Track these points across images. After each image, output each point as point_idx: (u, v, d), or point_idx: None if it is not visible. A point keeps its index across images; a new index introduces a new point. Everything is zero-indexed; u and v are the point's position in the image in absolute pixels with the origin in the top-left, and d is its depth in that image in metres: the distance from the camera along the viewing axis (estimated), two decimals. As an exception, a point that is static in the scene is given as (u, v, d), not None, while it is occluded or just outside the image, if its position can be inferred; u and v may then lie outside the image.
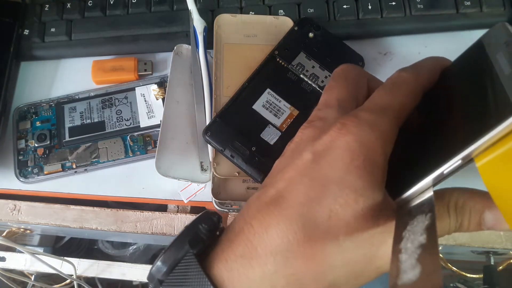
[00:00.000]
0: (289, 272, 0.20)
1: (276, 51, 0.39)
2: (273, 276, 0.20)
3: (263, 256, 0.20)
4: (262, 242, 0.20)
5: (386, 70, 0.42)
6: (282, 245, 0.20)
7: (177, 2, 0.43)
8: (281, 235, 0.20)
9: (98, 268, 0.54)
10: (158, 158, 0.38)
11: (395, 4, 0.41)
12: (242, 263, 0.20)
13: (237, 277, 0.20)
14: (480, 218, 0.21)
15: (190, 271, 0.21)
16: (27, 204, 0.41)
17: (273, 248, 0.20)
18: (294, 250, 0.20)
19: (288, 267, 0.20)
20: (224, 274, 0.20)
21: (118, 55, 0.44)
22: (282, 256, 0.20)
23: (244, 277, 0.20)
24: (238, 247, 0.21)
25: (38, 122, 0.42)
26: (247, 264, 0.20)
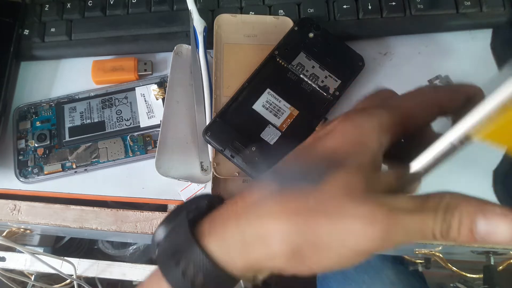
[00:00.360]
0: (259, 225, 0.21)
1: (276, 51, 0.39)
2: (245, 227, 0.21)
3: (241, 210, 0.22)
4: (243, 200, 0.22)
5: (386, 70, 0.42)
6: (258, 202, 0.22)
7: (177, 2, 0.43)
8: (260, 193, 0.22)
9: (98, 268, 0.54)
10: (158, 158, 0.38)
11: (395, 4, 0.41)
12: (222, 218, 0.23)
13: (214, 229, 0.22)
14: (472, 223, 0.19)
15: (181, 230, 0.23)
16: (27, 204, 0.41)
17: (250, 203, 0.22)
18: (267, 206, 0.21)
19: (259, 221, 0.21)
20: (206, 228, 0.23)
21: (118, 55, 0.44)
22: (256, 211, 0.21)
23: (221, 228, 0.22)
24: (225, 207, 0.23)
25: (38, 122, 0.42)
26: (226, 218, 0.22)
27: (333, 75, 0.39)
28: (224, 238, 0.22)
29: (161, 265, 0.23)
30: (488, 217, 0.18)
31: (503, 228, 0.18)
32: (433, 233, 0.19)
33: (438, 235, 0.19)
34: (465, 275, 0.57)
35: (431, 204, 0.20)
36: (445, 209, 0.19)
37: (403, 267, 0.57)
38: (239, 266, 0.22)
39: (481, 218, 0.19)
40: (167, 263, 0.22)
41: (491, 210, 0.19)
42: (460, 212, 0.19)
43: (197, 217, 0.24)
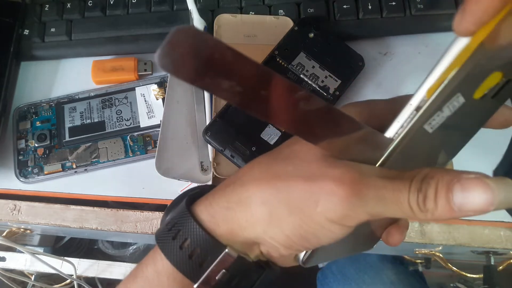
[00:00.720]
0: (242, 190, 0.22)
1: (276, 51, 0.39)
2: (230, 193, 0.23)
3: (230, 181, 0.24)
4: (234, 175, 0.24)
5: (386, 70, 0.42)
6: (245, 171, 0.24)
7: (177, 2, 0.43)
8: (249, 165, 0.24)
9: (98, 268, 0.54)
10: (158, 158, 0.38)
11: (395, 4, 0.41)
12: (214, 190, 0.24)
13: (205, 199, 0.24)
14: (448, 192, 0.18)
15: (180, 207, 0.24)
16: (27, 204, 0.41)
17: (239, 174, 0.24)
18: (252, 173, 0.23)
19: (243, 187, 0.22)
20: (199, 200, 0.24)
21: (118, 55, 0.44)
22: (242, 179, 0.23)
23: (211, 197, 0.24)
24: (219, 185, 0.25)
25: (38, 122, 0.42)
26: (217, 189, 0.24)
27: (333, 75, 0.39)
28: (211, 204, 0.23)
29: (157, 236, 0.24)
30: (463, 183, 0.18)
31: (477, 193, 0.17)
32: (409, 204, 0.19)
33: (414, 206, 0.19)
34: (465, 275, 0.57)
35: (407, 175, 0.19)
36: (421, 179, 0.19)
37: (403, 267, 0.57)
38: (223, 231, 0.22)
39: (457, 185, 0.18)
40: (162, 233, 0.24)
41: (465, 176, 0.18)
42: (436, 181, 0.18)
43: (197, 197, 0.25)
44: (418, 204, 0.18)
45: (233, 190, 0.23)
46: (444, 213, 0.18)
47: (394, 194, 0.19)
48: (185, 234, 0.22)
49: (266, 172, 0.22)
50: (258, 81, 0.17)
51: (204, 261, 0.22)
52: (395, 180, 0.19)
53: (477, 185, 0.18)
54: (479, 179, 0.18)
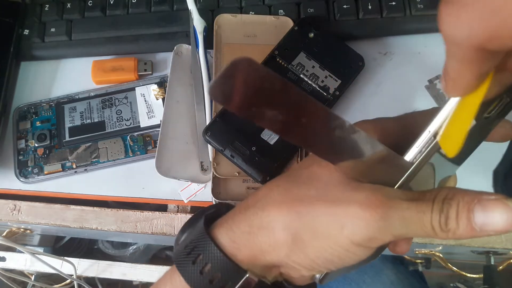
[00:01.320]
0: (263, 214, 0.22)
1: (276, 51, 0.39)
2: (251, 217, 0.23)
3: (249, 203, 0.24)
4: (253, 195, 0.24)
5: (386, 70, 0.42)
6: (265, 194, 0.23)
7: (177, 2, 0.43)
8: (268, 188, 0.24)
9: (98, 268, 0.54)
10: (158, 158, 0.38)
11: (395, 4, 0.41)
12: (233, 212, 0.24)
13: (225, 221, 0.24)
14: (470, 212, 0.19)
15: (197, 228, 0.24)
16: (27, 204, 0.41)
17: (258, 197, 0.24)
18: (272, 197, 0.23)
19: (264, 211, 0.22)
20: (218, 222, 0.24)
21: (118, 55, 0.44)
22: (262, 202, 0.23)
23: (230, 219, 0.24)
24: (238, 204, 0.25)
25: (38, 122, 0.42)
26: (237, 211, 0.24)
27: (333, 75, 0.39)
28: (232, 228, 0.23)
29: (175, 257, 0.24)
30: (484, 205, 0.19)
31: (499, 214, 0.18)
32: (431, 224, 0.19)
33: (437, 227, 0.19)
34: (465, 275, 0.57)
35: (428, 196, 0.20)
36: (442, 200, 0.19)
37: (403, 267, 0.57)
38: (244, 256, 0.22)
39: (478, 206, 0.19)
40: (180, 256, 0.23)
41: (486, 198, 0.19)
42: (457, 202, 0.19)
43: (214, 218, 0.25)
44: (440, 225, 0.19)
45: (254, 214, 0.23)
46: (466, 233, 0.19)
47: (417, 215, 0.19)
48: (206, 258, 0.22)
49: (286, 196, 0.22)
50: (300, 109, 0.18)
51: (225, 285, 0.22)
52: (417, 201, 0.20)
53: (498, 206, 0.18)
54: (500, 200, 0.18)
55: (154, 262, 0.75)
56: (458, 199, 0.19)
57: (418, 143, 0.21)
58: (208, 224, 0.24)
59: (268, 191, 0.23)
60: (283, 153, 0.37)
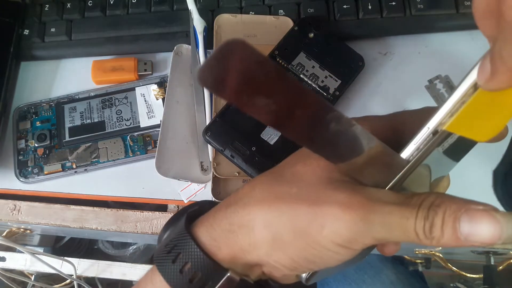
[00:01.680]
0: (244, 212, 0.22)
1: (276, 51, 0.39)
2: (231, 215, 0.22)
3: (231, 200, 0.23)
4: (236, 193, 0.24)
5: (386, 70, 0.42)
6: (247, 192, 0.23)
7: (177, 2, 0.43)
8: (250, 186, 0.23)
9: (98, 268, 0.54)
10: (158, 158, 0.38)
11: (395, 4, 0.41)
12: (214, 209, 0.24)
13: (205, 219, 0.23)
14: (455, 221, 0.18)
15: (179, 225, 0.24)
16: (27, 204, 0.41)
17: (240, 194, 0.23)
18: (254, 195, 0.22)
19: (245, 209, 0.22)
20: (199, 220, 0.24)
21: (118, 55, 0.44)
22: (244, 200, 0.22)
23: (211, 217, 0.23)
24: (219, 204, 0.24)
25: (38, 122, 0.42)
26: (218, 209, 0.24)
27: (333, 75, 0.39)
28: (212, 226, 0.23)
29: (155, 256, 0.23)
30: (471, 215, 0.18)
31: (485, 225, 0.18)
32: (415, 231, 0.19)
33: (420, 233, 0.19)
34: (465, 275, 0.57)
35: (414, 201, 0.19)
36: (428, 206, 0.19)
37: (403, 267, 0.57)
38: (225, 254, 0.22)
39: (465, 215, 0.18)
40: (160, 255, 0.23)
41: (473, 208, 0.18)
42: (444, 210, 0.18)
43: (197, 216, 0.24)
44: (424, 232, 0.18)
45: (235, 211, 0.22)
46: (450, 242, 0.18)
47: (400, 221, 0.19)
48: (186, 257, 0.22)
49: (268, 193, 0.22)
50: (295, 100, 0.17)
51: (205, 285, 0.22)
52: (401, 206, 0.19)
53: (485, 217, 0.18)
54: (487, 212, 0.18)
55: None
56: (445, 207, 0.18)
57: (416, 140, 0.20)
58: (190, 222, 0.24)
59: (251, 189, 0.23)
60: (283, 153, 0.37)
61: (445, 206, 0.18)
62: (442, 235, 0.18)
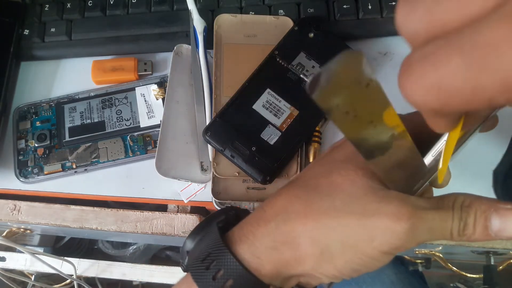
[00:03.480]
0: (288, 229, 0.22)
1: (276, 51, 0.39)
2: (274, 232, 0.22)
3: (268, 216, 0.23)
4: (270, 207, 0.23)
5: (386, 70, 0.42)
6: (285, 206, 0.23)
7: (177, 2, 0.43)
8: (286, 199, 0.23)
9: (98, 268, 0.54)
10: (158, 158, 0.38)
11: (395, 4, 0.41)
12: (251, 223, 0.23)
13: (245, 235, 0.23)
14: (487, 220, 0.20)
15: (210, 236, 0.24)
16: (27, 204, 0.41)
17: (277, 209, 0.23)
18: (294, 210, 0.22)
19: (287, 225, 0.22)
20: (235, 234, 0.23)
21: (118, 55, 0.44)
22: (283, 215, 0.22)
23: (251, 233, 0.23)
24: (253, 215, 0.24)
25: (38, 122, 0.42)
26: (255, 223, 0.23)
27: (333, 75, 0.39)
28: (254, 244, 0.22)
29: (192, 270, 0.23)
30: (500, 213, 0.20)
31: None
32: (451, 231, 0.20)
33: (455, 233, 0.20)
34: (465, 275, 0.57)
35: (446, 203, 0.21)
36: (460, 208, 0.20)
37: (403, 267, 0.57)
38: (268, 271, 0.22)
39: (495, 214, 0.20)
40: (198, 268, 0.23)
41: (503, 207, 0.20)
42: (475, 210, 0.20)
43: (226, 225, 0.25)
44: (458, 231, 0.20)
45: (277, 228, 0.22)
46: (481, 238, 0.20)
47: (441, 224, 0.20)
48: (227, 274, 0.22)
49: (310, 208, 0.22)
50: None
51: None
52: (439, 210, 0.20)
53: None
54: None
55: (154, 262, 0.75)
56: (475, 207, 0.20)
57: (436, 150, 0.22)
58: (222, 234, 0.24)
59: (288, 203, 0.23)
60: (283, 153, 0.37)
61: (475, 207, 0.20)
62: (474, 233, 0.20)
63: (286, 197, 0.23)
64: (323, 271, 0.22)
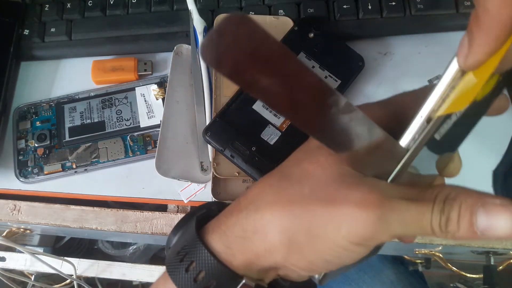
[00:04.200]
0: (257, 217, 0.21)
1: (276, 51, 0.39)
2: (244, 220, 0.22)
3: (242, 205, 0.22)
4: (245, 196, 0.23)
5: (386, 70, 0.42)
6: (257, 195, 0.22)
7: (177, 2, 0.43)
8: (259, 187, 0.23)
9: (98, 268, 0.54)
10: (158, 158, 0.38)
11: (395, 4, 0.41)
12: (225, 214, 0.23)
13: (217, 225, 0.23)
14: (472, 215, 0.18)
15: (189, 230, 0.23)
16: (27, 204, 0.41)
17: (250, 198, 0.22)
18: (265, 198, 0.22)
19: (257, 213, 0.21)
20: (210, 225, 0.23)
21: (118, 55, 0.44)
22: (255, 203, 0.22)
23: (223, 223, 0.23)
24: (229, 206, 0.24)
25: (38, 122, 0.42)
26: (229, 214, 0.23)
27: (333, 75, 0.39)
28: (226, 233, 0.22)
29: (167, 264, 0.23)
30: (488, 209, 0.18)
31: (503, 220, 0.17)
32: (431, 226, 0.18)
33: (436, 228, 0.18)
34: (465, 275, 0.57)
35: (429, 195, 0.19)
36: (443, 200, 0.18)
37: (403, 267, 0.57)
38: (240, 261, 0.22)
39: (481, 210, 0.18)
40: (172, 262, 0.23)
41: (491, 202, 0.18)
42: (460, 203, 0.18)
43: (205, 219, 0.24)
44: (440, 226, 0.18)
45: (247, 216, 0.22)
46: (466, 236, 0.18)
47: (417, 216, 0.19)
48: (199, 266, 0.21)
49: (279, 196, 0.21)
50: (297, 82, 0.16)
51: None
52: (417, 201, 0.19)
53: (503, 212, 0.18)
54: (506, 206, 0.18)
55: (154, 262, 0.75)
56: (460, 200, 0.18)
57: (411, 130, 0.20)
58: (200, 227, 0.23)
59: (260, 191, 0.22)
60: (283, 153, 0.36)
61: (461, 200, 0.18)
62: (458, 229, 0.18)
63: (260, 185, 0.23)
64: (294, 261, 0.21)
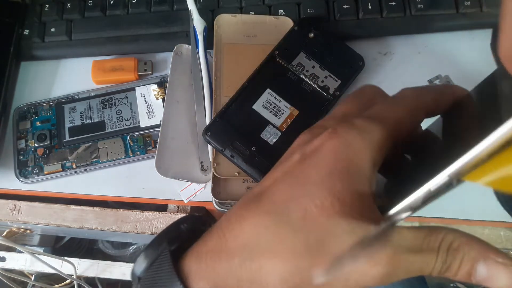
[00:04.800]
0: (255, 267, 0.19)
1: (276, 51, 0.39)
2: (239, 270, 0.19)
3: (232, 248, 0.20)
4: (233, 235, 0.20)
5: (386, 70, 0.42)
6: (251, 239, 0.19)
7: (177, 2, 0.43)
8: (252, 229, 0.20)
9: (98, 268, 0.54)
10: (158, 158, 0.38)
11: (395, 4, 0.41)
12: (211, 255, 0.20)
13: (204, 269, 0.20)
14: (472, 267, 0.18)
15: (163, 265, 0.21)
16: (27, 204, 0.41)
17: (242, 241, 0.20)
18: (262, 244, 0.19)
19: (254, 262, 0.19)
20: (193, 266, 0.20)
21: (118, 55, 0.44)
22: (250, 250, 0.19)
23: (211, 269, 0.20)
24: (211, 240, 0.21)
25: (38, 122, 0.42)
26: (216, 256, 0.20)
27: (333, 75, 0.39)
28: (216, 283, 0.20)
29: None
30: (489, 265, 0.18)
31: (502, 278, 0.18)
32: (431, 272, 0.19)
33: (435, 273, 0.19)
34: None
35: (432, 243, 0.19)
36: (446, 250, 0.19)
37: (403, 267, 0.57)
38: None
39: (482, 264, 0.18)
40: None
41: (493, 258, 0.18)
42: (462, 256, 0.19)
43: (180, 248, 0.22)
44: (439, 272, 0.19)
45: (242, 265, 0.19)
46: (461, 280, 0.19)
47: (420, 266, 0.19)
48: None
49: (280, 245, 0.19)
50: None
51: None
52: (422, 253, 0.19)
53: (503, 271, 0.18)
54: (506, 266, 0.18)
55: None
56: (463, 253, 0.19)
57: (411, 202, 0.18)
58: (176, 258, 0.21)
59: (255, 235, 0.20)
60: (283, 153, 0.37)
61: (464, 252, 0.19)
62: (455, 275, 0.19)
63: (252, 226, 0.20)
64: None
